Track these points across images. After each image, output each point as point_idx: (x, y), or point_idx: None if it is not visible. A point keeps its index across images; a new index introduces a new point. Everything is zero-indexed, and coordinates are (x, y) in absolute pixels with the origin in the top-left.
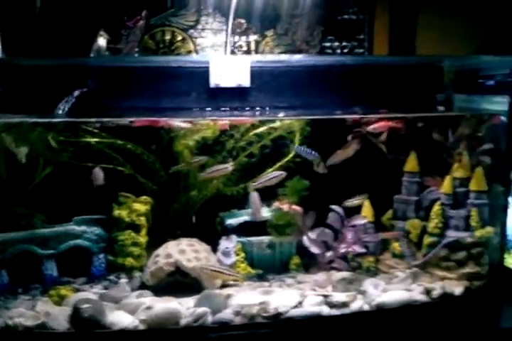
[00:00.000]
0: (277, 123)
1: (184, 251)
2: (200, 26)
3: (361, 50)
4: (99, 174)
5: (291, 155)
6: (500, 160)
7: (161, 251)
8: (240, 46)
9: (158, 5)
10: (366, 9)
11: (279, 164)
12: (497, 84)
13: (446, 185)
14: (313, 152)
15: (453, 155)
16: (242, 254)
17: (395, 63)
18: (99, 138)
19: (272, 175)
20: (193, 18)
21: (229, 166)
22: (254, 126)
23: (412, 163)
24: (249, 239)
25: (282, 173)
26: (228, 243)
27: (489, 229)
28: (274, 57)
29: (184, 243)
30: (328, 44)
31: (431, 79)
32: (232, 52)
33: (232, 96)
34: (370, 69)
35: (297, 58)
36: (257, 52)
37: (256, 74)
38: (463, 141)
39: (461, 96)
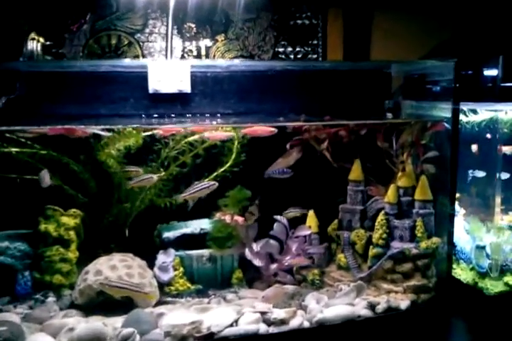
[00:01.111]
0: (212, 133)
1: (115, 267)
2: (147, 30)
3: (315, 56)
4: (45, 176)
5: (228, 165)
6: (445, 168)
7: (91, 267)
8: (190, 51)
9: (104, 8)
10: (319, 14)
11: (215, 174)
12: (443, 90)
13: (390, 194)
14: (284, 169)
15: (397, 163)
16: (181, 269)
17: (340, 68)
18: (22, 147)
19: (202, 185)
20: (140, 22)
21: (154, 176)
22: (187, 135)
23: (356, 172)
24: (188, 252)
25: (213, 184)
26: (166, 257)
27: (435, 239)
28: (215, 62)
29: (116, 258)
30: (281, 49)
31: (379, 84)
32: (183, 57)
33: (173, 103)
34: (316, 75)
35: (236, 63)
36: (207, 57)
37: (198, 79)
38: (407, 148)
39: (409, 103)
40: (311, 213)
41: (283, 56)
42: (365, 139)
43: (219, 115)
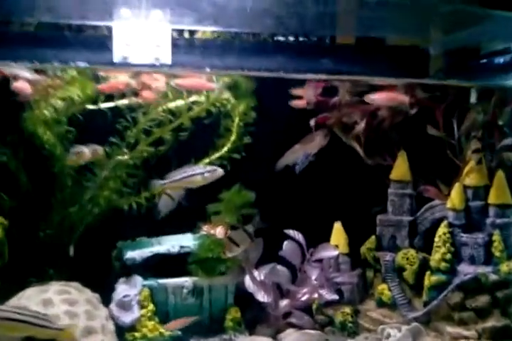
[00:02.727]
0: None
1: (51, 303)
2: None
3: None
4: None
5: (225, 149)
6: None
7: (15, 301)
8: None
9: None
10: None
11: (207, 159)
12: None
13: (455, 197)
14: (305, 157)
15: (461, 154)
16: (151, 306)
17: None
18: None
19: (195, 169)
20: None
21: (100, 148)
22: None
23: (401, 169)
24: (161, 281)
25: (213, 169)
26: (128, 288)
27: None
28: None
29: (54, 289)
30: None
31: None
32: None
33: None
34: None
35: None
36: None
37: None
38: (475, 132)
39: None
40: (337, 226)
41: None
42: (414, 121)
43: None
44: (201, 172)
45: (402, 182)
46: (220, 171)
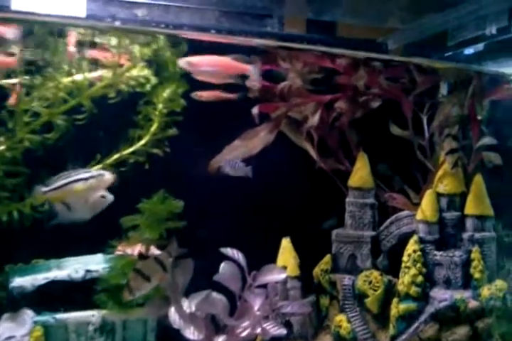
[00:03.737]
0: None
1: None
2: None
3: None
4: None
5: (142, 142)
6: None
7: None
8: None
9: None
10: None
11: (114, 157)
12: None
13: (427, 207)
14: (240, 163)
15: (433, 155)
16: None
17: None
18: None
19: (78, 175)
20: None
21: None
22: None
23: (361, 173)
24: (60, 316)
25: (100, 174)
26: (15, 327)
27: (501, 283)
28: None
29: None
30: None
31: None
32: None
33: None
34: None
35: None
36: None
37: None
38: (450, 129)
39: None
40: (285, 243)
41: None
42: (377, 117)
43: None
44: (83, 177)
45: (363, 190)
46: (108, 177)
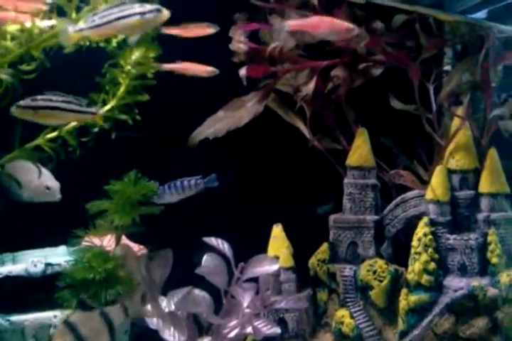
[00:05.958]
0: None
1: None
2: None
3: None
4: None
5: (113, 103)
6: None
7: None
8: None
9: None
10: None
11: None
12: None
13: (437, 186)
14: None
15: (442, 127)
16: None
17: None
18: None
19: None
20: None
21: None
22: None
23: (361, 151)
24: (14, 318)
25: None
26: None
27: None
28: None
29: None
30: None
31: None
32: None
33: None
34: None
35: None
36: None
37: None
38: (461, 97)
39: None
40: (277, 231)
41: None
42: (379, 86)
43: None
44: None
45: (363, 169)
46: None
